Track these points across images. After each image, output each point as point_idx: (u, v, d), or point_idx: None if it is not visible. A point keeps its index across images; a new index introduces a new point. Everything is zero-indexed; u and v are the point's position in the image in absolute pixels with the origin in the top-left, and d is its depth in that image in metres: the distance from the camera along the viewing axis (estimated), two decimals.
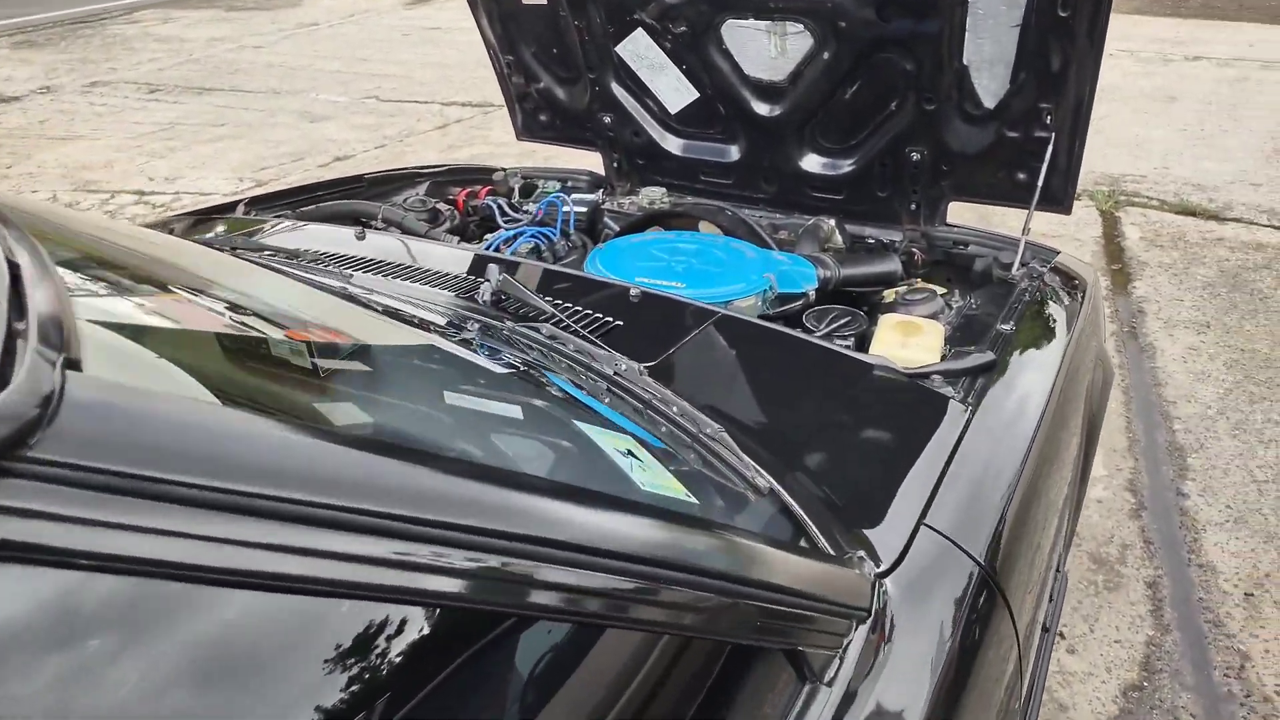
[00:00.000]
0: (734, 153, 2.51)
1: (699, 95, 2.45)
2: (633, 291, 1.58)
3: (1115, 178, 5.06)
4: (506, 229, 2.28)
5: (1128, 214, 4.61)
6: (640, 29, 2.39)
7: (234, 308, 1.02)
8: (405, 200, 2.34)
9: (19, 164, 5.89)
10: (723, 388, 1.39)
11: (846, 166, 2.37)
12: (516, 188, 2.65)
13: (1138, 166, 5.22)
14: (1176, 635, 2.20)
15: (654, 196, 2.42)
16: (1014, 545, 1.20)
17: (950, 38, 2.02)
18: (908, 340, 1.56)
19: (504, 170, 2.77)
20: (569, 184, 2.73)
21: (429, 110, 6.87)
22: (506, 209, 2.41)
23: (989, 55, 2.04)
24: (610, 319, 1.47)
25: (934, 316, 1.75)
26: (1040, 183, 2.07)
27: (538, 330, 1.28)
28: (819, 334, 1.70)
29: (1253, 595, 2.28)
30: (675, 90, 2.50)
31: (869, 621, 0.94)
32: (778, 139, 2.40)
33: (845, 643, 0.91)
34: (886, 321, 1.65)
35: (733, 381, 1.41)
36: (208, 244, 1.74)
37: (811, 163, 2.41)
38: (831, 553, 0.99)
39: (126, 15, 11.26)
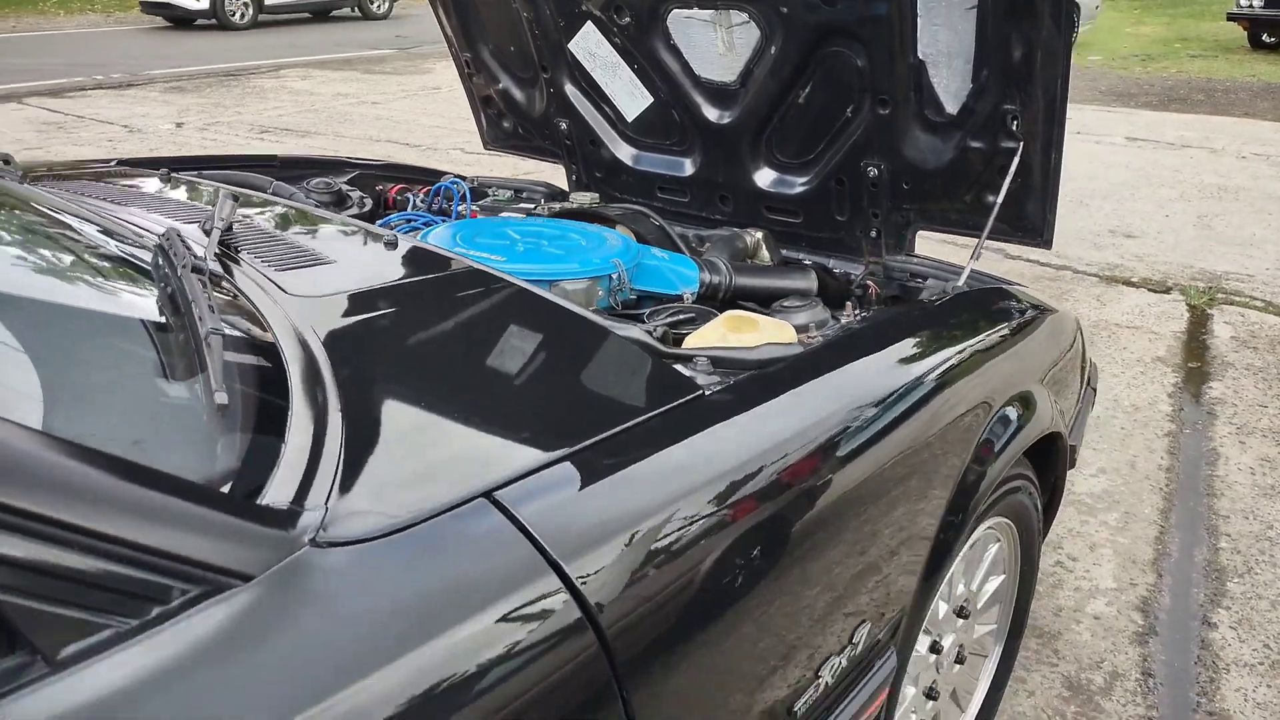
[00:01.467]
0: (689, 166, 2.26)
1: (653, 100, 2.24)
2: (386, 237, 1.32)
3: (1217, 275, 4.48)
4: (406, 216, 2.08)
5: (1223, 312, 4.03)
6: (590, 22, 2.20)
7: None
8: (309, 183, 2.18)
9: None
10: (407, 335, 1.10)
11: (801, 184, 2.08)
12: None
13: (1246, 265, 4.62)
14: None
15: (583, 201, 2.18)
16: (660, 576, 0.83)
17: (902, 24, 1.72)
18: (730, 335, 1.23)
19: (454, 175, 2.60)
20: (524, 194, 2.53)
21: (505, 163, 6.89)
22: (418, 203, 2.22)
23: (946, 47, 1.73)
24: (326, 257, 1.22)
25: (808, 327, 1.41)
26: (1000, 198, 1.72)
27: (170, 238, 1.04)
28: (645, 325, 1.39)
29: None
30: (630, 94, 2.29)
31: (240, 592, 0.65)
32: (733, 151, 2.15)
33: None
34: (721, 317, 1.32)
35: (424, 330, 1.12)
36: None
37: (766, 178, 2.14)
38: (263, 505, 0.72)
39: (273, 71, 12.08)
